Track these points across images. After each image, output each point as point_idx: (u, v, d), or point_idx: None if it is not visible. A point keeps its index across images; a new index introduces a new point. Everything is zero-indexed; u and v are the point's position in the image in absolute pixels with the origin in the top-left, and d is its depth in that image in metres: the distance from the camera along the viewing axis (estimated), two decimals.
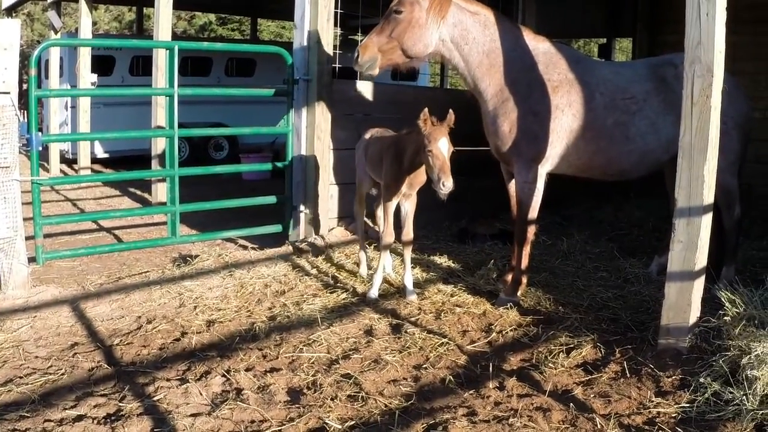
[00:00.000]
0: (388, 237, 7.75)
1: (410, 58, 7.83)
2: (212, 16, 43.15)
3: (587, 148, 7.81)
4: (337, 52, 9.97)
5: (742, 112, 8.05)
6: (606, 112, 7.84)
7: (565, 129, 7.77)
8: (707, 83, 6.04)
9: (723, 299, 6.53)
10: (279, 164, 10.33)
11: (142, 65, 18.78)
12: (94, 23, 23.77)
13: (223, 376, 5.85)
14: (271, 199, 10.03)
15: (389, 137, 7.99)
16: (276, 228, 9.91)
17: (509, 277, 8.05)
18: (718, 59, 6.03)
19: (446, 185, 6.75)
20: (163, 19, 12.50)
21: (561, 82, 7.82)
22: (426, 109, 7.04)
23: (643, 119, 7.84)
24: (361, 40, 7.92)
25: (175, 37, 29.14)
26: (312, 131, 9.55)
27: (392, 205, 7.73)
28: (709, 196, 6.14)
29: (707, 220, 6.19)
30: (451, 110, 7.05)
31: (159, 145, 12.45)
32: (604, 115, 7.84)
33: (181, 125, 9.37)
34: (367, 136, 8.43)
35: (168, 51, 9.56)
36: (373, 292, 7.76)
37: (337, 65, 9.98)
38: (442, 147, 6.91)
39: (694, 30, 6.06)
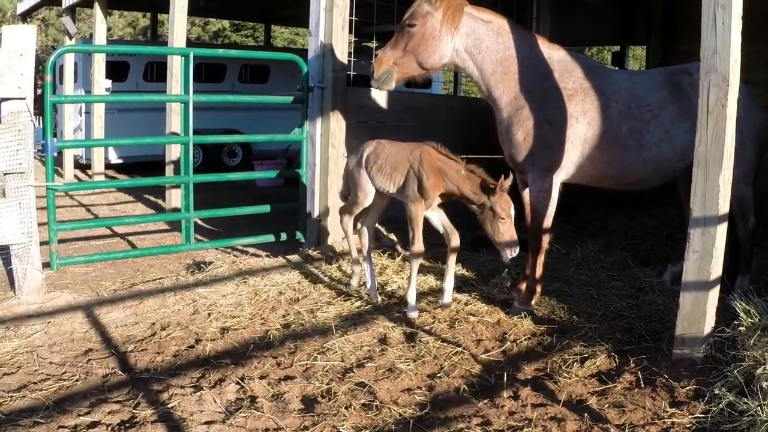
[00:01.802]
0: (420, 246, 7.54)
1: (426, 70, 7.83)
2: (226, 23, 43.28)
3: (602, 157, 7.79)
4: (352, 59, 9.98)
5: (757, 122, 8.03)
6: (621, 120, 7.82)
7: (579, 138, 7.76)
8: (723, 92, 6.02)
9: (738, 309, 6.51)
10: (293, 172, 10.35)
11: (156, 71, 18.84)
12: (109, 29, 23.89)
13: (237, 383, 5.85)
14: (285, 207, 10.04)
15: (418, 149, 7.65)
16: (290, 235, 9.92)
17: (523, 286, 8.04)
18: (734, 68, 6.02)
19: (514, 254, 7.07)
20: (178, 25, 12.53)
21: (576, 90, 7.81)
22: (505, 181, 7.02)
23: (658, 127, 7.82)
24: (376, 55, 7.93)
25: (189, 43, 29.21)
26: (326, 139, 9.56)
27: (422, 215, 7.57)
28: (724, 206, 6.12)
29: (722, 229, 6.17)
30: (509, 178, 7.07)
31: (173, 151, 12.47)
32: (618, 124, 7.82)
33: (195, 132, 9.38)
34: (370, 147, 8.03)
35: (183, 58, 9.57)
36: (413, 312, 7.54)
37: (352, 72, 9.99)
38: (512, 217, 7.00)
39: (709, 39, 6.05)
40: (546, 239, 7.91)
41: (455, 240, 7.59)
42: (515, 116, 7.76)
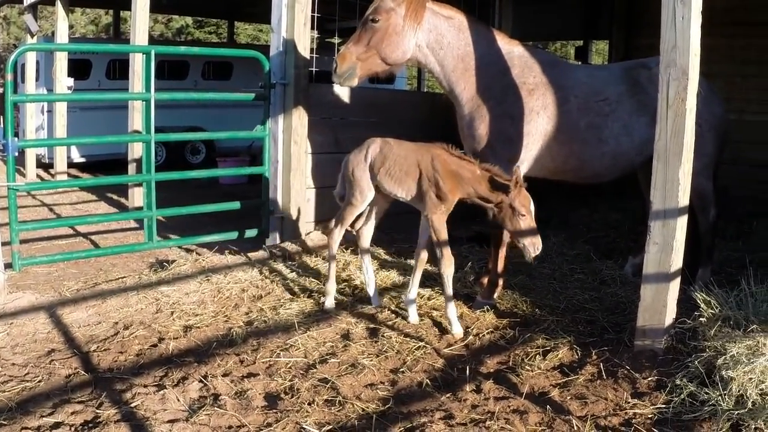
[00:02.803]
0: (450, 258, 7.15)
1: (389, 66, 7.87)
2: (189, 20, 42.97)
3: (561, 151, 7.85)
4: (314, 55, 9.96)
5: (717, 115, 8.10)
6: (580, 114, 7.89)
7: (540, 132, 7.81)
8: (682, 86, 6.07)
9: (698, 300, 6.59)
10: (256, 169, 10.32)
11: (119, 69, 18.72)
12: (71, 27, 23.71)
13: (201, 381, 5.83)
14: (248, 204, 10.01)
15: (429, 152, 7.25)
16: (253, 232, 9.90)
17: (486, 280, 8.07)
18: (693, 62, 6.07)
19: (538, 251, 6.78)
20: (140, 22, 12.45)
21: (536, 85, 7.87)
22: (521, 174, 6.80)
23: (616, 121, 7.88)
24: (338, 51, 7.93)
25: (152, 40, 29.01)
26: (289, 135, 9.53)
27: (445, 224, 7.18)
28: (684, 199, 6.18)
29: (682, 222, 6.23)
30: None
31: (136, 149, 12.38)
32: (578, 118, 7.88)
33: (157, 129, 9.33)
34: (374, 147, 7.57)
35: (144, 55, 9.52)
36: (458, 330, 7.09)
37: (314, 69, 9.97)
38: (533, 212, 6.83)
39: (669, 33, 6.10)
40: (507, 233, 7.95)
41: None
42: (477, 111, 7.80)
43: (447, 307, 7.13)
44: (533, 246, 6.68)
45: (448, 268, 7.08)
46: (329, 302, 7.66)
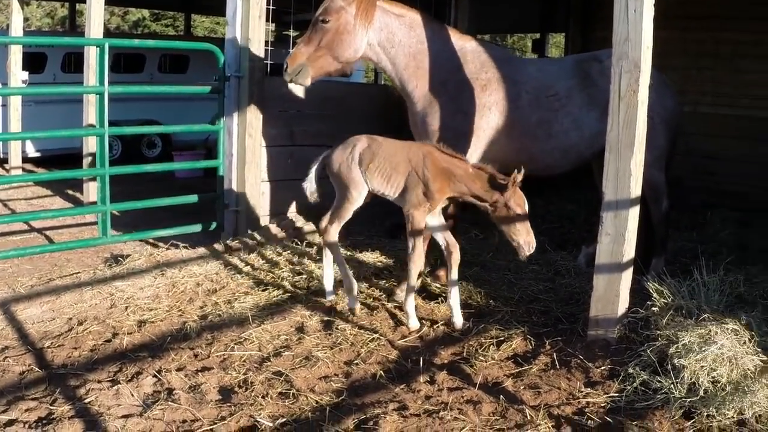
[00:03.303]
0: (421, 256, 7.17)
1: (341, 64, 7.88)
2: (146, 12, 42.70)
3: (512, 146, 7.90)
4: (269, 48, 9.91)
5: (669, 108, 8.17)
6: (531, 110, 7.96)
7: (491, 127, 7.86)
8: (634, 78, 6.13)
9: (651, 290, 6.66)
10: (210, 162, 10.27)
11: (74, 62, 18.50)
12: (26, 19, 23.44)
13: (155, 376, 5.80)
14: (202, 197, 9.95)
15: (419, 149, 7.14)
16: (208, 226, 9.84)
17: (441, 272, 8.09)
18: (645, 55, 6.14)
19: (532, 251, 6.77)
20: (95, 15, 12.31)
21: (489, 80, 7.91)
22: (519, 174, 6.62)
23: (566, 116, 7.94)
24: (289, 53, 7.93)
25: (109, 33, 28.70)
26: (243, 128, 9.48)
27: (424, 222, 7.08)
28: (636, 190, 6.24)
29: (634, 212, 6.29)
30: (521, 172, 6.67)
31: (91, 143, 12.25)
32: (529, 113, 7.95)
33: (114, 123, 9.25)
34: (361, 144, 7.34)
35: (98, 48, 9.43)
36: (415, 323, 7.05)
37: (269, 62, 9.93)
38: (527, 212, 6.77)
39: (621, 26, 6.16)
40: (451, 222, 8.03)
41: (456, 253, 7.12)
42: (430, 108, 7.84)
43: (406, 300, 7.10)
44: (528, 245, 6.66)
45: (416, 262, 7.04)
46: (354, 304, 7.35)
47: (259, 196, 9.78)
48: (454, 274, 7.08)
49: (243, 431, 5.11)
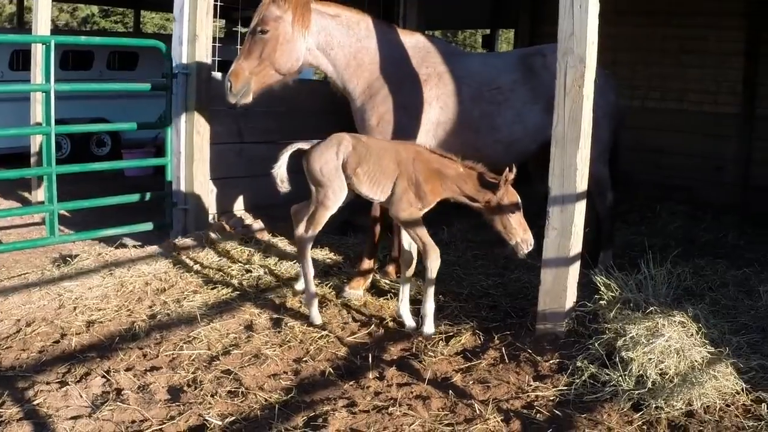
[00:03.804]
0: (436, 250, 6.77)
1: (282, 76, 7.78)
2: (95, 8, 42.26)
3: (455, 140, 7.90)
4: (218, 45, 9.84)
5: (611, 103, 8.24)
6: (473, 103, 7.97)
7: (432, 121, 7.87)
8: (579, 74, 6.18)
9: (599, 284, 6.71)
10: (158, 160, 10.18)
11: (22, 60, 18.28)
12: None
13: (103, 377, 5.74)
14: (150, 196, 9.86)
15: (407, 151, 6.90)
16: (156, 225, 9.76)
17: (391, 268, 8.11)
18: (590, 50, 6.18)
19: (530, 248, 6.55)
20: (42, 11, 12.17)
21: (430, 75, 7.92)
22: (510, 173, 6.46)
23: (509, 109, 7.97)
24: (225, 72, 7.80)
25: (57, 30, 28.49)
26: (191, 126, 9.39)
27: (420, 217, 6.84)
28: (582, 184, 6.29)
29: (581, 207, 6.34)
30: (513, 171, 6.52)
31: (38, 142, 12.13)
32: (470, 107, 7.96)
33: (63, 121, 9.14)
34: (346, 144, 6.95)
35: (44, 45, 9.32)
36: (431, 328, 6.76)
37: (218, 59, 9.86)
38: (521, 209, 6.59)
39: (567, 21, 6.21)
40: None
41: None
42: (369, 103, 7.81)
43: (426, 302, 6.78)
44: (525, 243, 6.49)
45: (434, 261, 6.71)
46: (316, 317, 7.04)
47: (208, 193, 9.70)
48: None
49: (192, 430, 5.06)
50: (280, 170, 7.07)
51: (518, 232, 6.49)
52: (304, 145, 7.10)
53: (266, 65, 7.59)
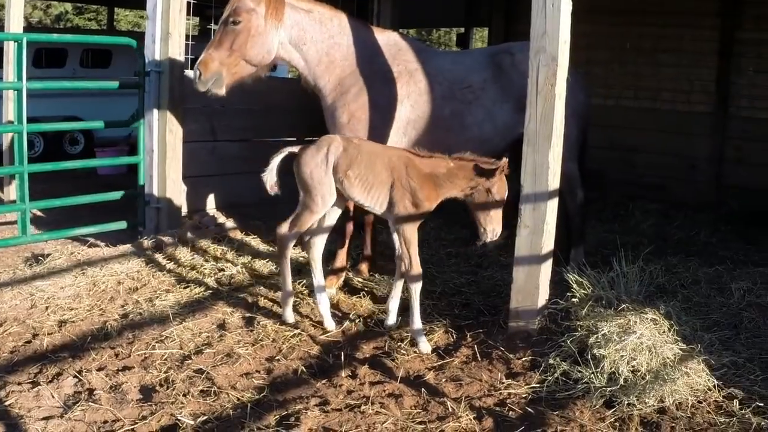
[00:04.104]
0: (419, 269, 6.57)
1: (254, 68, 7.74)
2: (69, 6, 42.11)
3: (425, 138, 7.90)
4: (191, 43, 9.80)
5: (580, 101, 8.27)
6: (444, 102, 7.98)
7: (403, 119, 7.87)
8: (552, 72, 6.21)
9: (571, 281, 6.74)
10: (130, 158, 10.13)
11: None
12: None
13: (75, 377, 5.71)
14: (123, 194, 9.79)
15: (398, 157, 6.71)
16: (129, 223, 9.71)
17: (363, 266, 8.12)
18: (562, 49, 6.21)
19: (495, 238, 6.47)
20: (15, 8, 12.07)
21: (400, 73, 7.92)
22: (506, 161, 6.34)
23: (479, 108, 7.99)
24: (199, 59, 7.71)
25: (30, 27, 28.23)
26: (164, 124, 9.33)
27: (416, 234, 6.66)
28: (554, 182, 6.32)
29: (553, 205, 6.36)
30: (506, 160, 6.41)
31: (10, 140, 12.06)
32: (441, 106, 7.98)
33: (35, 119, 9.08)
34: (337, 146, 6.76)
35: (16, 43, 9.26)
36: (424, 342, 6.52)
37: (191, 56, 9.81)
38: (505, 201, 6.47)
39: (539, 20, 6.23)
40: (371, 217, 8.19)
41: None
42: (339, 100, 7.80)
43: (413, 322, 6.56)
44: (493, 233, 6.38)
45: (417, 282, 6.57)
46: (289, 316, 7.00)
47: (181, 192, 9.65)
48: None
49: (164, 430, 5.05)
50: (271, 175, 6.90)
51: (494, 221, 6.39)
52: (294, 149, 6.95)
53: (237, 57, 7.55)
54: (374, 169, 6.62)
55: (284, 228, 6.97)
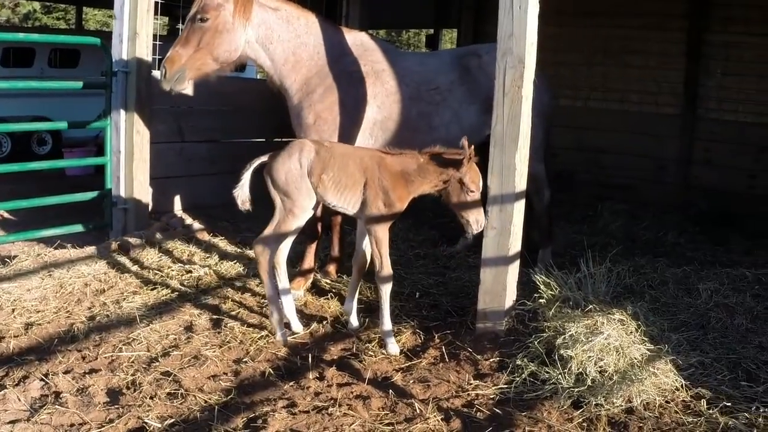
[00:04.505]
0: (389, 270, 6.50)
1: (219, 65, 7.69)
2: (37, 5, 41.84)
3: (392, 139, 7.91)
4: (158, 42, 9.75)
5: (545, 102, 8.31)
6: (411, 103, 7.99)
7: (369, 120, 7.88)
8: (519, 74, 6.23)
9: (538, 282, 6.76)
10: (97, 159, 10.06)
11: None
12: None
13: (42, 380, 5.66)
14: (90, 195, 9.72)
15: (371, 158, 6.60)
16: (96, 225, 9.65)
17: (331, 268, 8.11)
18: (529, 51, 6.24)
19: (480, 229, 6.36)
20: None
21: (367, 74, 7.92)
22: (472, 147, 6.26)
23: (446, 109, 8.01)
24: (166, 56, 7.67)
25: None
26: (131, 125, 9.28)
27: (388, 234, 6.57)
28: (521, 184, 6.34)
29: (520, 206, 6.39)
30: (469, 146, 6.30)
31: None
32: (408, 106, 7.99)
33: (2, 119, 9.01)
34: (309, 150, 6.60)
35: None
36: (392, 343, 6.48)
37: (159, 57, 9.76)
38: (481, 188, 6.37)
39: (506, 22, 6.25)
40: (338, 218, 8.23)
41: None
42: (306, 101, 7.78)
43: (383, 324, 6.52)
44: (477, 223, 6.29)
45: (387, 283, 6.50)
46: (280, 335, 6.64)
47: (148, 193, 9.59)
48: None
49: None
50: (243, 190, 6.66)
51: (474, 211, 6.30)
52: (263, 158, 6.71)
53: (203, 54, 7.51)
54: (347, 171, 6.51)
55: (263, 240, 6.70)
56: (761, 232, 11.04)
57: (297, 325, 6.85)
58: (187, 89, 8.03)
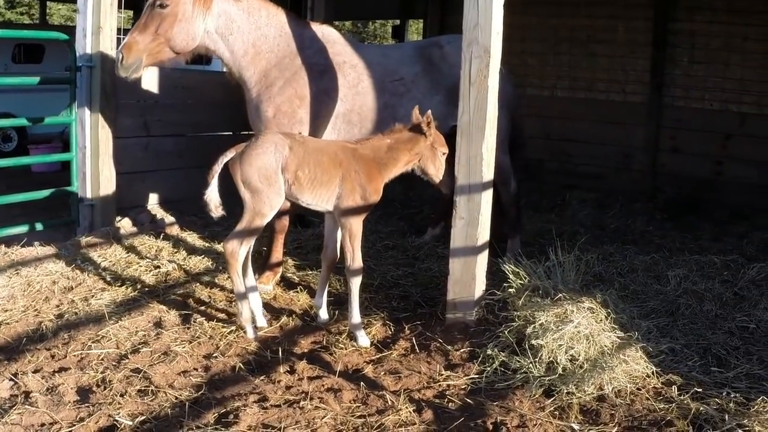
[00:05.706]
0: (360, 263, 6.48)
1: (176, 54, 7.61)
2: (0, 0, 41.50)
3: (356, 132, 7.91)
4: (122, 37, 9.65)
5: (508, 93, 8.28)
6: (375, 95, 7.99)
7: (331, 112, 7.84)
8: (485, 64, 6.24)
9: (508, 272, 6.77)
10: (63, 155, 9.98)
11: None
12: None
13: (11, 380, 5.60)
14: (56, 192, 9.64)
15: (343, 151, 6.51)
16: (63, 221, 9.57)
17: (269, 277, 8.10)
18: (495, 40, 6.24)
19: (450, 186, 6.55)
20: None
21: (328, 66, 7.89)
22: (429, 112, 6.45)
23: (411, 101, 7.97)
24: (123, 43, 7.56)
25: None
26: (96, 120, 9.20)
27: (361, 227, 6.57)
28: (488, 173, 6.36)
29: (487, 196, 6.40)
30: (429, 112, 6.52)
31: None
32: (372, 98, 7.98)
33: None
34: (282, 145, 6.32)
35: None
36: (363, 335, 6.47)
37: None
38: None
39: (472, 12, 6.26)
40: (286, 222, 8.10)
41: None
42: (265, 93, 7.74)
43: (352, 317, 6.50)
44: (452, 179, 6.52)
45: (357, 276, 6.47)
46: (251, 332, 6.52)
47: (114, 188, 9.54)
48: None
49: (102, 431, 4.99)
50: (212, 194, 6.38)
51: (443, 168, 6.55)
52: (230, 154, 6.36)
53: (161, 41, 7.42)
54: (322, 167, 6.33)
55: (232, 243, 6.43)
56: (729, 218, 11.13)
57: (261, 320, 6.81)
58: (152, 83, 7.97)
